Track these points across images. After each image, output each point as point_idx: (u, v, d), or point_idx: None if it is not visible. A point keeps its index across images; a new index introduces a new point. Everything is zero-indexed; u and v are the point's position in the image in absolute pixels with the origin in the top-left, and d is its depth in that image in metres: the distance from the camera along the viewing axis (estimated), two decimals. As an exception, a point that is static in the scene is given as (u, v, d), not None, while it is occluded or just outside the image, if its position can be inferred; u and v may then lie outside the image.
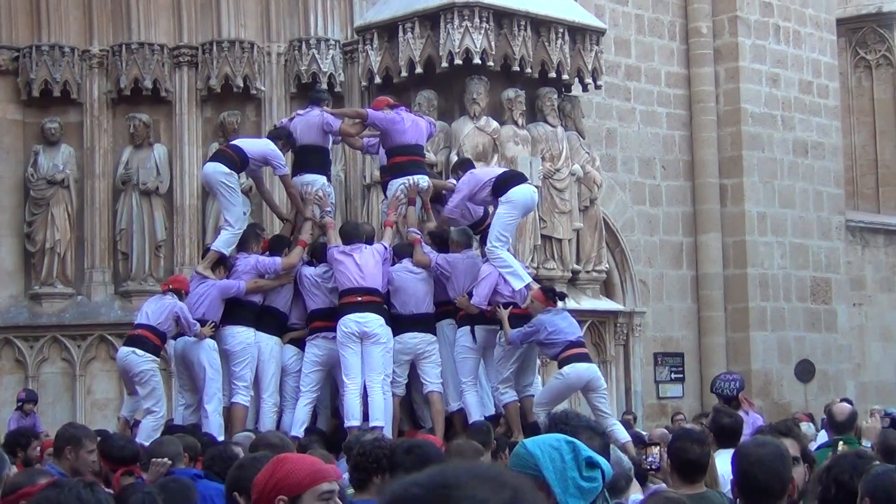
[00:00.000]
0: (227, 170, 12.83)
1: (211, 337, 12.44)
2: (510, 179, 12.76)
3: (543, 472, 3.96)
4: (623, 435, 11.76)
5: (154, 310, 12.46)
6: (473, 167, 13.28)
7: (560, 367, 12.24)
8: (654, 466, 7.56)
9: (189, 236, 17.94)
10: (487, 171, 13.01)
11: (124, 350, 12.62)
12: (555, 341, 12.08)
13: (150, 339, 12.33)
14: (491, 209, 12.91)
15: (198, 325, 12.25)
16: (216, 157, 13.23)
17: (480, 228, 13.20)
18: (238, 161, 12.95)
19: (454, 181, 13.20)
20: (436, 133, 15.12)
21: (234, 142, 13.57)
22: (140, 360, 12.33)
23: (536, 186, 16.83)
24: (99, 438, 8.61)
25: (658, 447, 7.50)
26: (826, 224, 25.58)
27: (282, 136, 13.44)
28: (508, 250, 12.69)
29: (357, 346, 12.06)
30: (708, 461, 6.57)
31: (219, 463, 7.76)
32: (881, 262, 27.51)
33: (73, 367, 17.61)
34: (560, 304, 12.63)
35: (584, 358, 12.37)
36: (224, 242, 12.91)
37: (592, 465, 4.02)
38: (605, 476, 4.07)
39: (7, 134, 18.02)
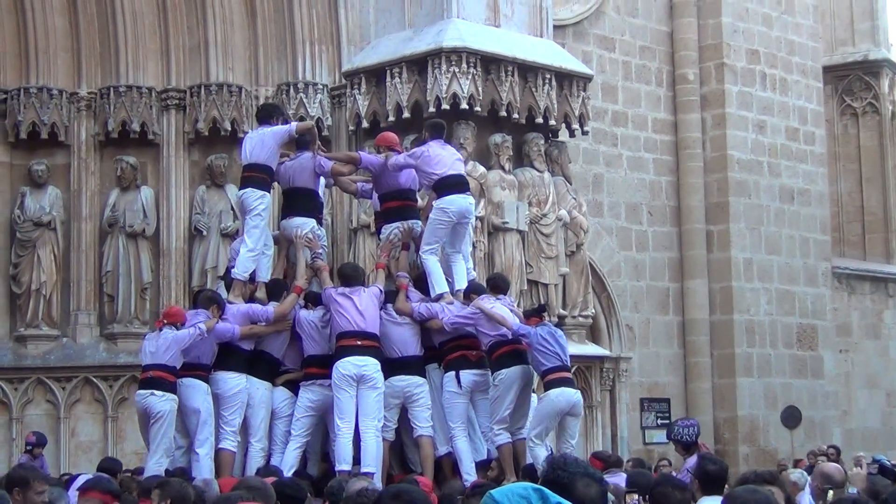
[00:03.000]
0: (260, 192, 12.72)
1: (205, 381, 12.35)
2: (451, 187, 12.71)
3: None
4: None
5: (157, 347, 12.35)
6: (441, 137, 13.10)
7: (545, 389, 12.26)
8: None
9: (175, 279, 17.92)
10: (440, 162, 12.80)
11: (142, 392, 12.38)
12: (545, 358, 12.14)
13: (166, 379, 12.24)
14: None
15: (202, 324, 12.18)
16: (249, 184, 12.86)
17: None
18: (268, 179, 12.86)
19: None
20: None
21: (248, 161, 13.01)
22: (160, 400, 12.22)
23: (521, 231, 16.91)
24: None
25: (637, 494, 7.49)
26: (812, 271, 25.62)
27: (273, 114, 13.29)
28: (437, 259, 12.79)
29: (353, 389, 11.97)
30: None
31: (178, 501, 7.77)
32: (867, 308, 27.55)
33: (58, 410, 17.55)
34: (546, 317, 12.79)
35: (569, 383, 12.44)
36: (242, 266, 12.70)
37: None
38: None
39: (-6, 175, 18.04)
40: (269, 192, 12.92)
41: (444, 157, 12.77)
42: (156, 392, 12.23)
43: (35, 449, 15.38)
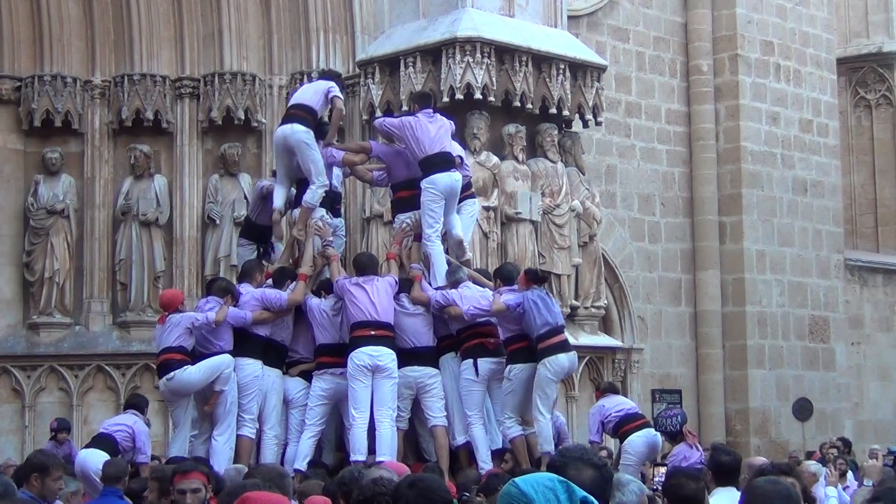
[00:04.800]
0: (304, 128, 12.76)
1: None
2: (435, 165, 12.70)
3: None
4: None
5: (166, 335, 12.42)
6: (430, 107, 13.13)
7: (539, 357, 12.19)
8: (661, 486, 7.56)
9: (188, 267, 17.94)
10: (426, 137, 12.77)
11: (161, 381, 12.48)
12: (535, 325, 12.12)
13: (173, 359, 12.25)
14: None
15: (211, 313, 12.24)
16: (292, 120, 12.97)
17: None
18: (311, 118, 12.91)
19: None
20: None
21: (295, 101, 13.23)
22: (170, 381, 12.28)
23: (534, 221, 16.89)
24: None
25: (666, 468, 7.49)
26: (825, 263, 25.57)
27: (333, 77, 13.59)
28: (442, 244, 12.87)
29: (368, 379, 11.98)
30: (703, 497, 6.54)
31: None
32: (880, 301, 27.49)
33: (71, 397, 17.59)
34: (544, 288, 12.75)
35: (563, 348, 12.38)
36: (313, 196, 12.75)
37: None
38: None
39: (8, 163, 18.05)
40: (312, 131, 12.92)
41: (430, 131, 12.75)
42: (168, 375, 12.30)
43: (59, 434, 15.37)
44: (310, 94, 13.18)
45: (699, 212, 24.10)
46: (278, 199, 13.07)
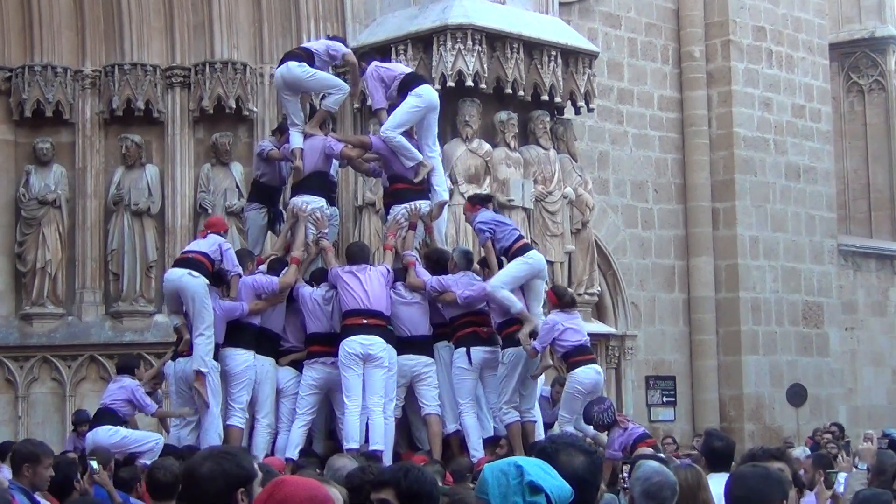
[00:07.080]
0: (297, 63, 13.25)
1: (213, 357, 12.35)
2: (418, 79, 13.45)
3: (489, 496, 4.09)
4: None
5: (203, 242, 12.44)
6: (376, 58, 13.72)
7: (513, 256, 12.50)
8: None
9: (180, 257, 17.88)
10: (394, 66, 13.79)
11: (177, 272, 12.32)
12: (503, 237, 12.54)
13: (205, 264, 12.21)
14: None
15: (239, 268, 12.35)
16: (287, 58, 13.53)
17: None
18: (306, 57, 13.36)
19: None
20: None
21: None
22: (196, 281, 12.11)
23: (526, 209, 16.88)
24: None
25: (630, 465, 7.46)
26: (818, 248, 25.59)
27: (340, 41, 14.12)
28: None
29: (359, 367, 11.98)
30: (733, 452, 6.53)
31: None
32: (873, 286, 27.53)
33: (63, 388, 17.55)
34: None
35: (532, 247, 13.07)
36: (333, 101, 13.45)
37: (535, 489, 4.04)
38: (552, 500, 4.05)
39: (-1, 154, 18.01)
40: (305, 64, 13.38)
41: (395, 66, 13.87)
42: (193, 273, 12.19)
43: (79, 427, 15.33)
44: (313, 41, 14.15)
45: (692, 198, 24.11)
46: (296, 141, 13.24)
